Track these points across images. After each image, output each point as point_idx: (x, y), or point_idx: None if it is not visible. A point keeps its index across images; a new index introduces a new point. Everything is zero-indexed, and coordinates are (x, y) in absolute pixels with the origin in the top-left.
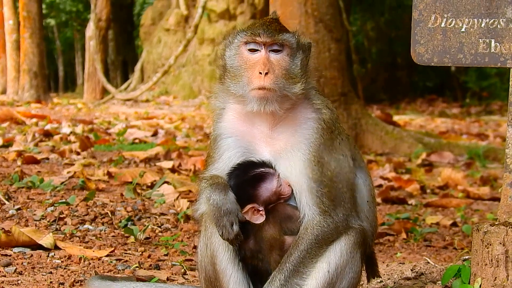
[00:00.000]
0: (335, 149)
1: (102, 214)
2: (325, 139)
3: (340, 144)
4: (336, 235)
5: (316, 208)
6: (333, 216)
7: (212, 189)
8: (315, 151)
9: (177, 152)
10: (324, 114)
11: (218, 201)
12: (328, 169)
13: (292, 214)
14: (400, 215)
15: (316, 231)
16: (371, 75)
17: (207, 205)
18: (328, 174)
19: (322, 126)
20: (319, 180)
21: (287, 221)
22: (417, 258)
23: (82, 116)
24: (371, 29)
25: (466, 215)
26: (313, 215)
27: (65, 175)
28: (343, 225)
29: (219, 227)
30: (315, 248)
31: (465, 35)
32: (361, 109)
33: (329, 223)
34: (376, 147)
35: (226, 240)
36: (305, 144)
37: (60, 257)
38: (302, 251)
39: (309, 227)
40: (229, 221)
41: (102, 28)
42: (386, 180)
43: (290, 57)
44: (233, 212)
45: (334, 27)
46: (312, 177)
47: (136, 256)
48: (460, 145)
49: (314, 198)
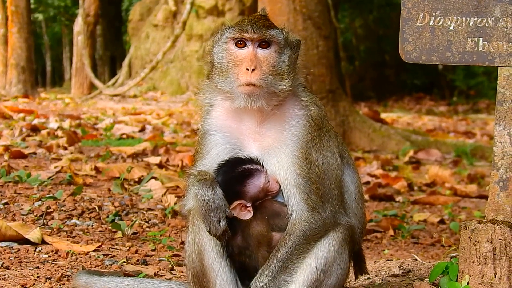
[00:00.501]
0: (323, 146)
1: (89, 209)
2: (313, 136)
3: (328, 141)
4: (324, 232)
5: (304, 205)
6: (321, 213)
7: (200, 184)
8: (303, 147)
9: (164, 147)
10: (312, 111)
11: (206, 197)
12: (316, 165)
13: (279, 211)
14: (388, 212)
15: (304, 227)
16: (359, 73)
17: (195, 201)
18: (316, 171)
19: (310, 123)
20: (307, 177)
21: (275, 217)
22: (405, 255)
23: (70, 111)
24: (360, 27)
25: (453, 212)
26: (301, 211)
27: (52, 170)
28: (331, 222)
29: (207, 222)
30: (302, 244)
31: (453, 33)
32: (349, 106)
33: (317, 219)
34: (364, 144)
35: (214, 236)
36: (293, 141)
37: (47, 251)
38: (290, 247)
39: (297, 224)
40: (217, 217)
41: (90, 23)
42: (374, 177)
43: (278, 53)
44: (220, 208)
45: (323, 24)
46: (300, 174)
47: (124, 251)
48: (448, 143)
49: (302, 194)
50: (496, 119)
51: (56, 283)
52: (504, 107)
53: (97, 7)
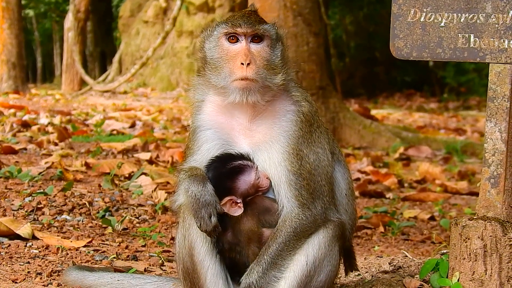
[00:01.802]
0: (314, 142)
1: (80, 205)
2: (303, 132)
3: (319, 137)
4: (314, 228)
5: (295, 201)
6: (311, 209)
7: (191, 180)
8: (294, 143)
9: (154, 143)
10: (303, 107)
11: (197, 193)
12: (307, 161)
13: (270, 207)
14: (378, 209)
15: (295, 223)
16: (350, 69)
17: (186, 197)
18: (307, 167)
19: (301, 119)
20: (298, 173)
21: (265, 213)
22: (395, 252)
23: (60, 107)
24: (350, 23)
25: (444, 209)
26: (291, 207)
27: (43, 166)
28: (322, 218)
29: (197, 218)
30: (293, 240)
31: (445, 29)
32: (339, 103)
33: (308, 216)
34: (354, 141)
35: (204, 232)
36: (283, 137)
37: (38, 247)
38: (280, 244)
39: (288, 220)
40: (207, 213)
41: (81, 19)
42: (364, 173)
43: (271, 47)
44: (211, 204)
45: (313, 21)
46: (291, 170)
47: (114, 247)
48: (438, 140)
49: (293, 190)
50: (487, 116)
51: (47, 278)
52: (495, 103)
53: (88, 3)
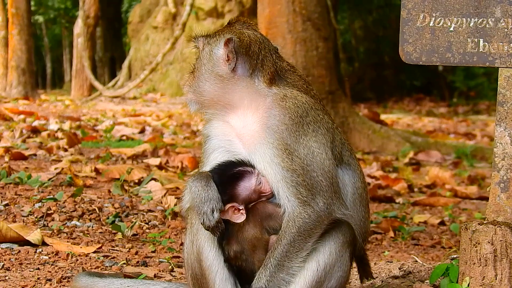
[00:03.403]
0: (304, 135)
1: (89, 211)
2: (288, 125)
3: (314, 131)
4: (319, 226)
5: (295, 199)
6: (313, 206)
7: (194, 178)
8: (279, 138)
9: (164, 149)
10: (287, 101)
11: (200, 188)
12: (297, 156)
13: (273, 212)
14: (388, 214)
15: (298, 223)
16: (359, 74)
17: (189, 195)
18: (298, 162)
19: (284, 113)
20: (291, 169)
21: (268, 219)
22: (405, 257)
23: (70, 113)
24: (359, 28)
25: (453, 214)
26: (293, 207)
27: (52, 171)
28: (326, 215)
29: (200, 214)
30: (298, 240)
31: (454, 34)
32: (349, 107)
33: (310, 213)
34: (364, 145)
35: (207, 228)
36: (269, 133)
37: (48, 253)
38: (285, 245)
39: (291, 220)
40: (210, 207)
41: (90, 25)
42: (374, 178)
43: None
44: (213, 199)
45: (322, 26)
46: (284, 166)
47: (124, 253)
48: (448, 144)
49: (291, 188)
50: (496, 120)
51: (57, 284)
52: (505, 108)
53: (97, 9)
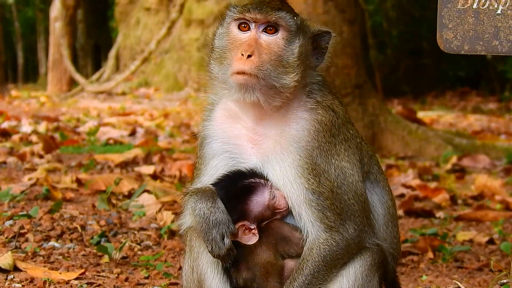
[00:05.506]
0: (336, 155)
1: (70, 229)
2: (320, 143)
3: (346, 151)
4: (347, 256)
5: (321, 224)
6: (342, 233)
7: (198, 197)
8: (307, 157)
9: (159, 155)
10: (321, 115)
11: (206, 211)
12: (327, 178)
13: (289, 235)
14: (426, 231)
15: (323, 251)
16: (391, 63)
17: (193, 217)
18: (328, 185)
19: (316, 128)
20: (318, 191)
21: (283, 243)
22: (446, 282)
23: (46, 112)
24: (391, 8)
25: (504, 230)
26: (317, 232)
27: (26, 183)
28: (356, 243)
29: (208, 241)
30: (322, 271)
31: (502, 18)
32: (379, 104)
33: (338, 241)
34: (397, 149)
35: (217, 257)
36: (295, 148)
37: (21, 280)
38: (307, 276)
39: (315, 247)
40: (219, 233)
41: (70, 7)
42: (409, 188)
43: (286, 41)
44: (223, 223)
45: (347, 6)
46: (309, 188)
47: (111, 279)
48: (498, 147)
49: (316, 212)
50: None
51: None
52: None
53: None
